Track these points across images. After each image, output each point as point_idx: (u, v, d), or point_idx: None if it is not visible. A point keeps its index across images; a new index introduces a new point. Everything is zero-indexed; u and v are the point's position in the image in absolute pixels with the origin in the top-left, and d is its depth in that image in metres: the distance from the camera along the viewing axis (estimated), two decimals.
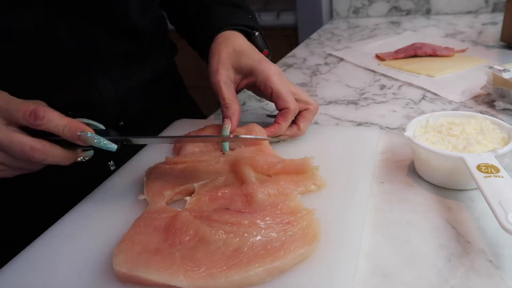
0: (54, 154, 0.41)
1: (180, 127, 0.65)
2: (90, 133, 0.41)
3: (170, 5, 0.72)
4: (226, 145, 0.51)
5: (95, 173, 0.54)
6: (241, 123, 0.55)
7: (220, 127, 0.53)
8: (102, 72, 0.57)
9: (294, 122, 0.56)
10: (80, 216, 0.45)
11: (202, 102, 0.90)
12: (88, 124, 0.42)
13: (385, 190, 0.46)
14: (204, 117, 0.82)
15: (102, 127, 0.44)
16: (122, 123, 0.62)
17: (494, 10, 1.37)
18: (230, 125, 0.52)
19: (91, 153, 0.45)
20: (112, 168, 0.60)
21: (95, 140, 0.41)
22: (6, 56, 0.50)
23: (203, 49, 0.63)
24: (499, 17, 1.25)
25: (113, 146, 0.42)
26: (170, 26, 0.75)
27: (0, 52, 0.50)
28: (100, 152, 0.44)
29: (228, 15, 0.63)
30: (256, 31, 0.62)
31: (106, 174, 0.53)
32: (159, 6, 0.70)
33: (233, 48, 0.57)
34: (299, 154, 0.50)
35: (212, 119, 0.73)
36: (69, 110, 0.50)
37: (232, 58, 0.56)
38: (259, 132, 0.53)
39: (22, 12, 0.48)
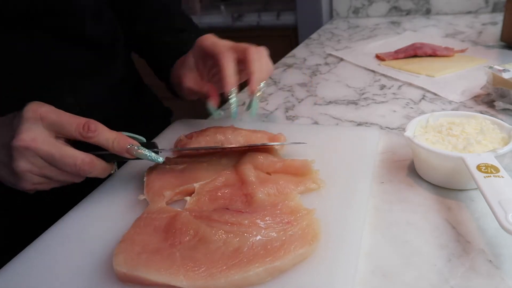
0: (99, 167, 0.43)
1: (180, 128, 0.65)
2: (137, 146, 0.43)
3: (121, 18, 0.72)
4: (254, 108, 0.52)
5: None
6: (242, 123, 0.55)
7: (221, 129, 0.53)
8: (65, 87, 0.57)
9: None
10: (80, 216, 0.45)
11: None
12: (131, 137, 0.44)
13: (385, 190, 0.46)
14: (168, 111, 0.83)
15: (143, 139, 0.46)
16: None
17: (494, 10, 1.38)
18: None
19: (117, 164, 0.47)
20: (113, 171, 0.60)
21: (144, 153, 0.44)
22: None
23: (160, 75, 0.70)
24: (499, 17, 1.25)
25: (161, 159, 0.45)
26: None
27: None
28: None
29: (176, 46, 0.67)
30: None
31: (107, 176, 0.53)
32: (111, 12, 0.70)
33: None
34: (300, 155, 0.50)
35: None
36: None
37: (188, 61, 0.59)
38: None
39: None
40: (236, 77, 0.51)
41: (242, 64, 0.53)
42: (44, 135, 0.40)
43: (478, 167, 0.39)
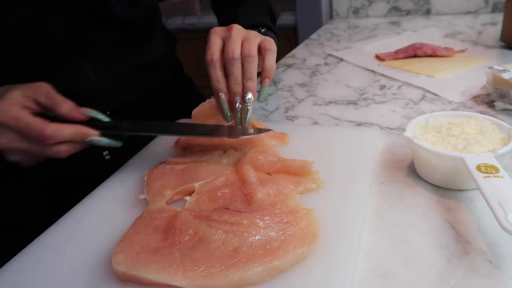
0: (64, 133, 0.45)
1: None
2: (95, 138, 0.47)
3: None
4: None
5: (90, 163, 0.56)
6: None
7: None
8: (88, 62, 0.59)
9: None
10: (80, 215, 0.45)
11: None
12: (95, 117, 0.48)
13: (385, 190, 0.46)
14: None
15: (106, 119, 0.49)
16: (108, 113, 0.61)
17: (493, 10, 1.38)
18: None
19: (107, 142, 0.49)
20: (106, 157, 0.61)
21: (101, 143, 0.47)
22: None
23: None
24: (499, 18, 1.25)
25: (118, 143, 0.48)
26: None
27: None
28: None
29: (242, 15, 0.68)
30: (263, 28, 0.66)
31: (101, 163, 0.55)
32: None
33: None
34: (300, 155, 0.50)
35: None
36: None
37: None
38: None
39: (13, 7, 0.51)
40: (223, 82, 0.52)
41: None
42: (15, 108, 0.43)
43: (478, 167, 0.39)
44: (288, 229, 0.36)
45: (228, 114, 0.51)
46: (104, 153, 0.61)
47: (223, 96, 0.51)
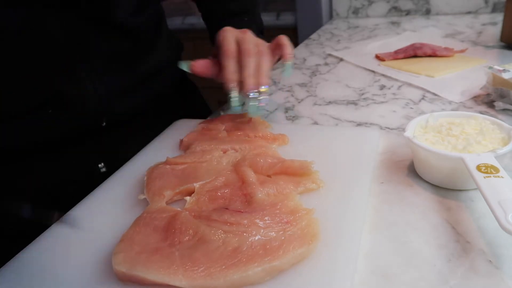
0: None
1: (182, 127, 0.64)
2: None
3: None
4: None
5: (84, 176, 0.55)
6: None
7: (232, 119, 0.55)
8: (86, 70, 0.56)
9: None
10: (81, 216, 0.45)
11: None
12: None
13: (384, 190, 0.46)
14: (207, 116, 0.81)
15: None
16: (104, 124, 0.60)
17: (493, 10, 1.38)
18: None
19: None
20: (102, 170, 0.60)
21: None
22: None
23: None
24: (499, 18, 1.25)
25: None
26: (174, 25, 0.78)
27: None
28: (89, 154, 0.46)
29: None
30: None
31: (96, 176, 0.54)
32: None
33: None
34: (300, 155, 0.50)
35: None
36: (49, 107, 0.53)
37: None
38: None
39: (12, 7, 0.48)
40: (236, 74, 0.53)
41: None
42: None
43: (478, 167, 0.39)
44: (288, 229, 0.36)
45: (238, 106, 0.51)
46: (99, 165, 0.60)
47: (235, 86, 0.52)
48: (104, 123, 0.60)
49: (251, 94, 0.51)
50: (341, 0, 1.56)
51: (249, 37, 0.56)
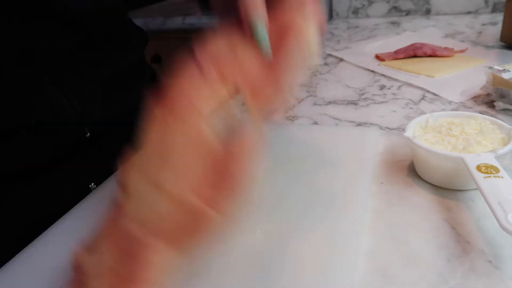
0: None
1: None
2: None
3: None
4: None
5: (75, 196, 0.49)
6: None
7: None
8: (52, 82, 0.48)
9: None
10: (81, 216, 0.45)
11: None
12: None
13: (384, 190, 0.46)
14: None
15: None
16: (88, 134, 0.53)
17: (493, 10, 1.38)
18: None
19: None
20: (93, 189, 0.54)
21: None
22: None
23: None
24: (499, 18, 1.25)
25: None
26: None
27: None
28: (80, 173, 0.45)
29: None
30: None
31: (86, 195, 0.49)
32: None
33: None
34: (297, 155, 0.50)
35: None
36: (22, 128, 0.46)
37: None
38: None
39: None
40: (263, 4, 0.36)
41: None
42: None
43: (478, 168, 0.39)
44: None
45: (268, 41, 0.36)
46: (90, 185, 0.54)
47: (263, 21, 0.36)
48: (88, 134, 0.53)
49: None
50: (341, 0, 1.55)
51: None
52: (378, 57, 0.97)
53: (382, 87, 0.79)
